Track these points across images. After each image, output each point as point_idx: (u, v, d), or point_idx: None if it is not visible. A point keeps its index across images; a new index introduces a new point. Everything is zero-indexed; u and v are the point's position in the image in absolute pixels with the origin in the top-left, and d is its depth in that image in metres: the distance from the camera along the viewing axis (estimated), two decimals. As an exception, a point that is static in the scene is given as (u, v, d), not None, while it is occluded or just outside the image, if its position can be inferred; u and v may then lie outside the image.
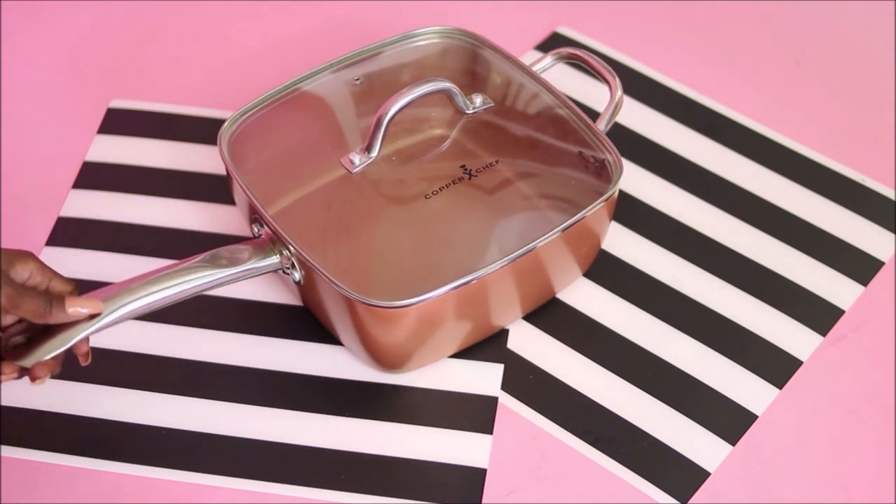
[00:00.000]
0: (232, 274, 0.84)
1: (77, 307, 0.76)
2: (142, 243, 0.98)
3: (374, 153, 0.90)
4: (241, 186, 0.87)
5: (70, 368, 0.91)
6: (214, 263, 0.84)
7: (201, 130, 1.06)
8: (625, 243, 0.99)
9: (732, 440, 0.88)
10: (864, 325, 0.94)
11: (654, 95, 1.09)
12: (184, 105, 1.08)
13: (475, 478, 0.86)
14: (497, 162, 0.91)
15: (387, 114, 0.88)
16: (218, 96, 1.08)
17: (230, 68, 1.11)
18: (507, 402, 0.90)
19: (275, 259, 0.86)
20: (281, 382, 0.91)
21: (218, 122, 0.99)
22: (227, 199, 0.99)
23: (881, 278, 0.97)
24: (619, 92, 0.93)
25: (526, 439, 0.88)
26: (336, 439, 0.88)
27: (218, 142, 0.90)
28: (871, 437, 0.89)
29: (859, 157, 1.05)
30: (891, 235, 1.00)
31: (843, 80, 1.11)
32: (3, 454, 0.87)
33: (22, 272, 0.75)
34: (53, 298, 0.75)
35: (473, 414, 0.89)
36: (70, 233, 0.99)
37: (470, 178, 0.90)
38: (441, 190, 0.89)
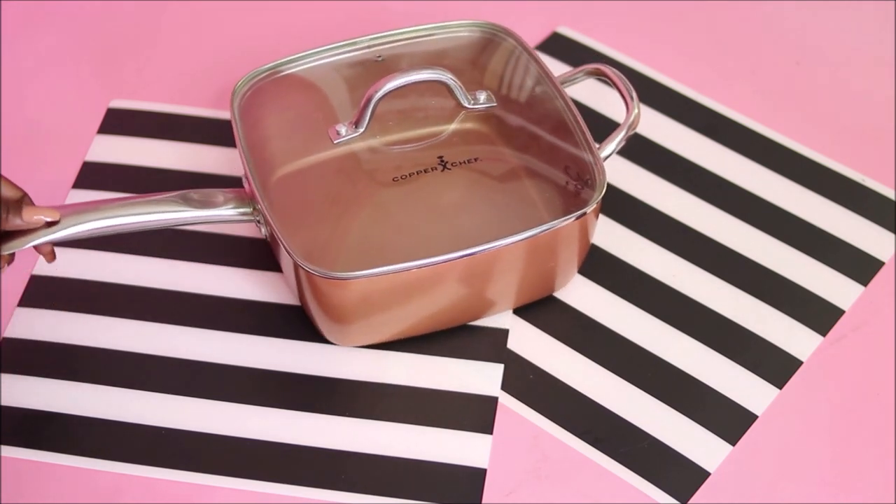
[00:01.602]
0: (201, 216, 0.85)
1: (35, 215, 0.78)
2: (143, 243, 0.98)
3: (362, 129, 0.91)
4: (236, 135, 0.89)
5: (69, 368, 0.91)
6: (185, 201, 0.85)
7: (201, 130, 1.06)
8: (625, 243, 0.99)
9: (732, 440, 0.88)
10: (864, 325, 0.95)
11: (654, 95, 1.09)
12: (184, 105, 1.08)
13: (475, 478, 0.86)
14: (477, 160, 0.91)
15: (377, 92, 0.89)
16: (219, 96, 1.08)
17: (231, 68, 1.11)
18: (507, 402, 0.90)
19: (248, 210, 0.87)
20: (281, 382, 0.91)
21: (218, 123, 1.00)
22: (227, 199, 1.00)
23: (881, 278, 0.97)
24: (636, 111, 0.91)
25: (526, 439, 0.89)
26: (336, 439, 0.88)
27: (231, 95, 0.92)
28: (871, 437, 0.89)
29: (859, 157, 1.05)
30: (891, 235, 1.00)
31: (843, 80, 1.11)
32: (3, 454, 0.87)
33: None
34: (11, 206, 0.77)
35: (473, 414, 0.89)
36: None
37: (443, 171, 0.90)
38: (410, 176, 0.90)
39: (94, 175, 1.03)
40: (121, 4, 1.17)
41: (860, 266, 0.98)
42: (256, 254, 0.97)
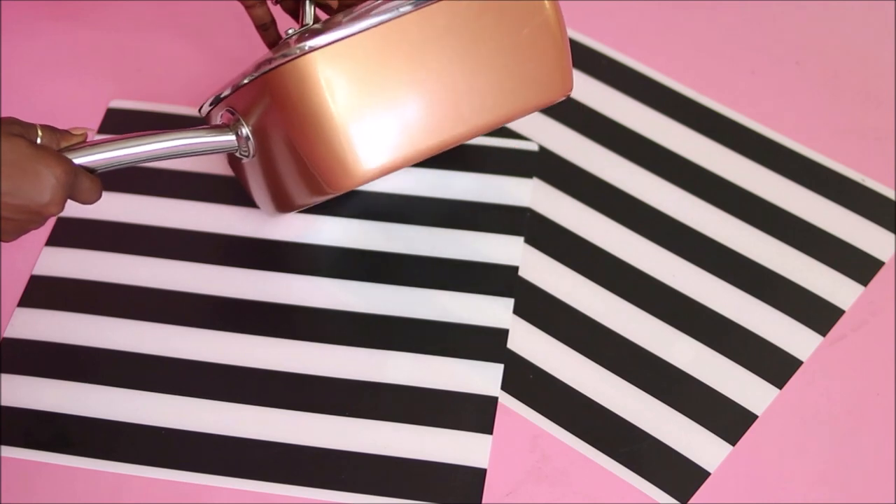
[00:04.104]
0: (184, 143, 0.84)
1: (76, 132, 0.83)
2: (142, 243, 0.98)
3: (308, 21, 0.90)
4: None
5: (69, 368, 0.91)
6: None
7: (201, 130, 1.06)
8: (624, 243, 0.99)
9: (732, 440, 0.88)
10: (864, 325, 0.95)
11: (654, 95, 1.09)
12: (184, 105, 1.08)
13: (475, 478, 0.86)
14: None
15: None
16: (218, 96, 1.08)
17: (232, 67, 1.11)
18: (507, 402, 0.90)
19: (231, 137, 0.85)
20: (281, 382, 0.91)
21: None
22: (229, 200, 1.00)
23: (881, 278, 0.97)
24: None
25: (526, 439, 0.89)
26: (336, 439, 0.88)
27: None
28: (871, 437, 0.89)
29: (859, 157, 1.05)
30: (891, 235, 1.00)
31: (843, 80, 1.11)
32: (3, 454, 0.87)
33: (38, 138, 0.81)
34: (61, 139, 0.82)
35: (473, 414, 0.89)
36: (70, 233, 0.99)
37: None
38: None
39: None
40: (121, 4, 1.17)
41: (860, 266, 0.98)
42: (261, 254, 0.97)
